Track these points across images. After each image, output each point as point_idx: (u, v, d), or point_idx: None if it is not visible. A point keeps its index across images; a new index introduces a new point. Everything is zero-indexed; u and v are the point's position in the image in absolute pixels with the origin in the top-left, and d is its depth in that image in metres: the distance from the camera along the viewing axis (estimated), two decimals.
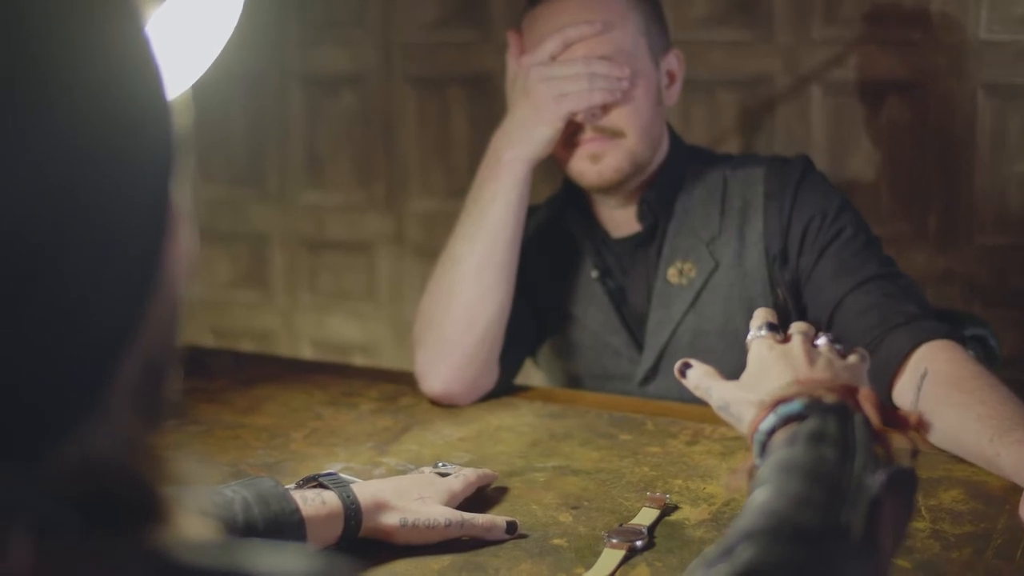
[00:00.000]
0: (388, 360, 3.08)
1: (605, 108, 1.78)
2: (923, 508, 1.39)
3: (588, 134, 1.80)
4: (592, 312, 1.91)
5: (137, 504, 0.58)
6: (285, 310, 3.31)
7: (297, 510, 1.24)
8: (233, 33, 2.93)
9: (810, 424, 0.96)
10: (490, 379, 1.82)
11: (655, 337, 1.85)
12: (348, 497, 1.29)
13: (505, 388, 1.85)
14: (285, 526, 1.22)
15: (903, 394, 1.62)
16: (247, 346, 3.29)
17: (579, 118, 1.78)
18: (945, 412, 1.53)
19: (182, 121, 0.63)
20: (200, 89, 3.05)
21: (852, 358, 1.13)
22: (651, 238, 1.88)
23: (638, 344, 1.87)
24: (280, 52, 3.17)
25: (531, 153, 1.78)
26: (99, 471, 0.57)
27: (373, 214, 3.13)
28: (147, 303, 0.59)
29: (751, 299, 1.80)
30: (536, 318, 1.93)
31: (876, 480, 0.89)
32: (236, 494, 1.22)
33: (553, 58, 1.77)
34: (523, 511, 1.41)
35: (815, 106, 2.61)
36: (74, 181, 0.54)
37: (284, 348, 3.29)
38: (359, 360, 3.14)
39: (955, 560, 1.27)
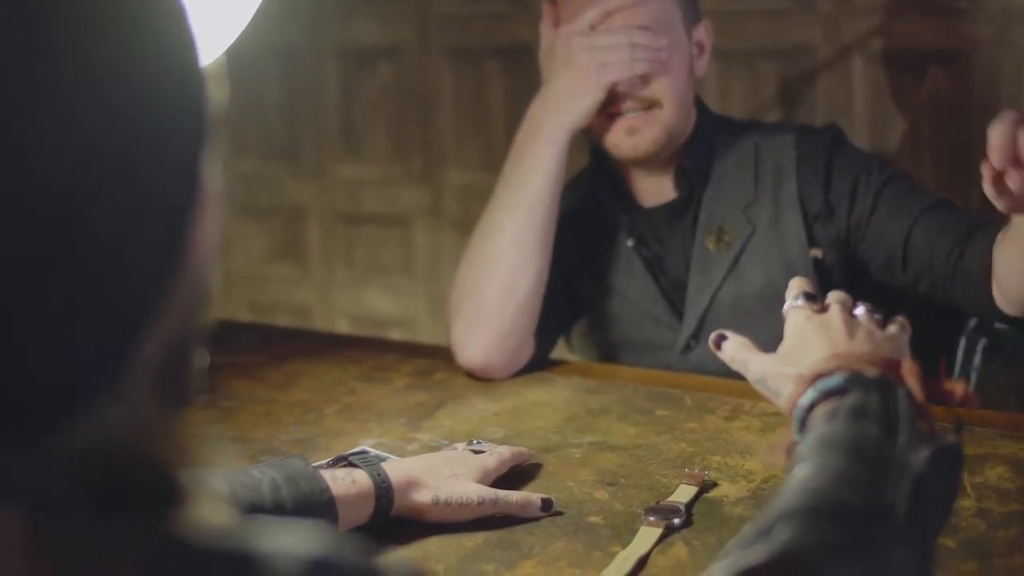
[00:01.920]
0: (425, 335, 3.07)
1: (644, 78, 1.78)
2: (968, 485, 1.36)
3: (627, 104, 1.78)
4: (630, 282, 1.89)
5: (150, 485, 0.56)
6: (321, 285, 3.30)
7: (327, 489, 1.22)
8: (268, 7, 2.92)
9: (851, 399, 0.93)
10: (527, 352, 1.80)
11: (695, 304, 1.83)
12: (379, 475, 1.27)
13: (541, 363, 1.83)
14: (315, 506, 1.20)
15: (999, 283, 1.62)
16: (283, 321, 3.28)
17: (620, 88, 1.77)
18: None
19: (216, 94, 0.61)
20: (235, 63, 3.03)
21: (892, 328, 1.09)
22: (686, 206, 1.86)
23: (678, 312, 1.86)
24: (315, 26, 3.15)
25: (572, 122, 1.77)
26: (114, 450, 0.55)
27: (409, 187, 3.11)
28: (172, 281, 0.57)
29: (790, 260, 1.79)
30: (571, 293, 1.92)
31: (920, 457, 0.86)
32: (264, 475, 1.20)
33: (593, 28, 1.76)
34: (558, 488, 1.39)
35: (857, 76, 2.56)
36: (102, 150, 0.52)
37: (320, 323, 3.28)
38: (395, 335, 3.12)
39: (1001, 539, 1.24)
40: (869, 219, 1.79)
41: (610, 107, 1.78)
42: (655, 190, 1.88)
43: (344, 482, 1.24)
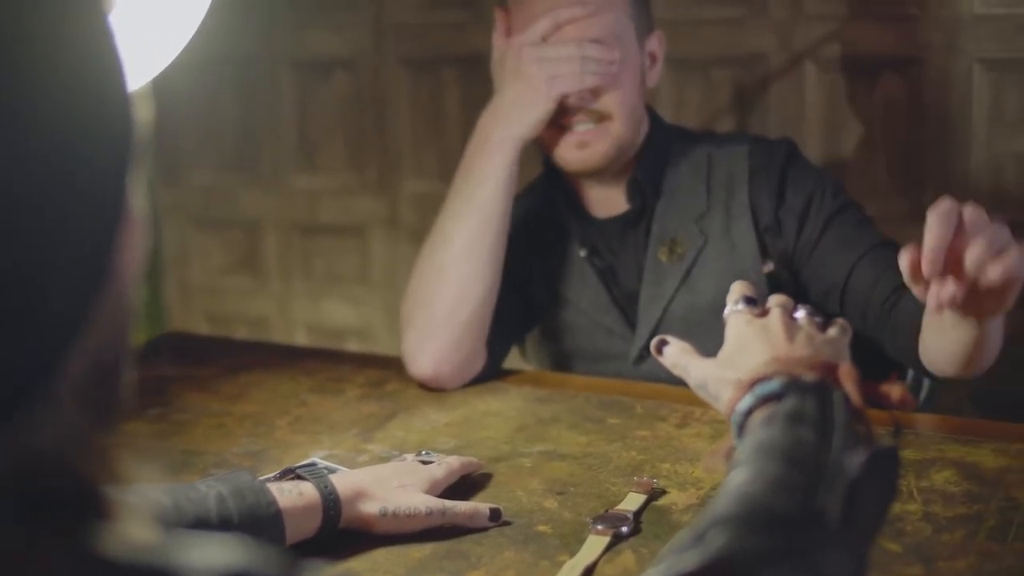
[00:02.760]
0: (382, 345, 3.06)
1: (595, 91, 1.77)
2: (915, 490, 1.37)
3: (576, 116, 1.78)
4: (583, 292, 1.89)
5: (74, 499, 0.56)
6: (279, 295, 3.29)
7: (273, 502, 1.22)
8: (223, 17, 2.93)
9: (788, 404, 0.93)
10: (478, 362, 1.80)
11: (647, 314, 1.83)
12: (326, 487, 1.26)
13: (493, 373, 1.83)
14: (262, 519, 1.20)
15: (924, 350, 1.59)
16: (242, 332, 3.27)
17: (570, 100, 1.76)
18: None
19: (141, 116, 0.61)
20: (190, 74, 3.04)
21: (832, 331, 1.09)
22: (639, 218, 1.86)
23: (631, 323, 1.86)
24: (270, 36, 3.14)
25: (522, 133, 1.76)
26: (39, 465, 0.55)
27: (366, 197, 3.11)
28: (96, 299, 0.57)
29: (742, 271, 1.80)
30: (524, 304, 1.92)
31: (855, 461, 0.87)
32: (211, 489, 1.20)
33: (545, 39, 1.75)
34: (508, 497, 1.39)
35: (809, 83, 2.58)
36: (29, 167, 0.52)
37: (279, 334, 3.26)
38: (353, 345, 3.12)
39: (946, 543, 1.25)
40: (815, 245, 1.79)
41: (560, 119, 1.78)
42: (607, 201, 1.89)
43: (291, 495, 1.24)
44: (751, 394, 0.97)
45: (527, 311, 1.93)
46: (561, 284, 1.91)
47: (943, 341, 1.49)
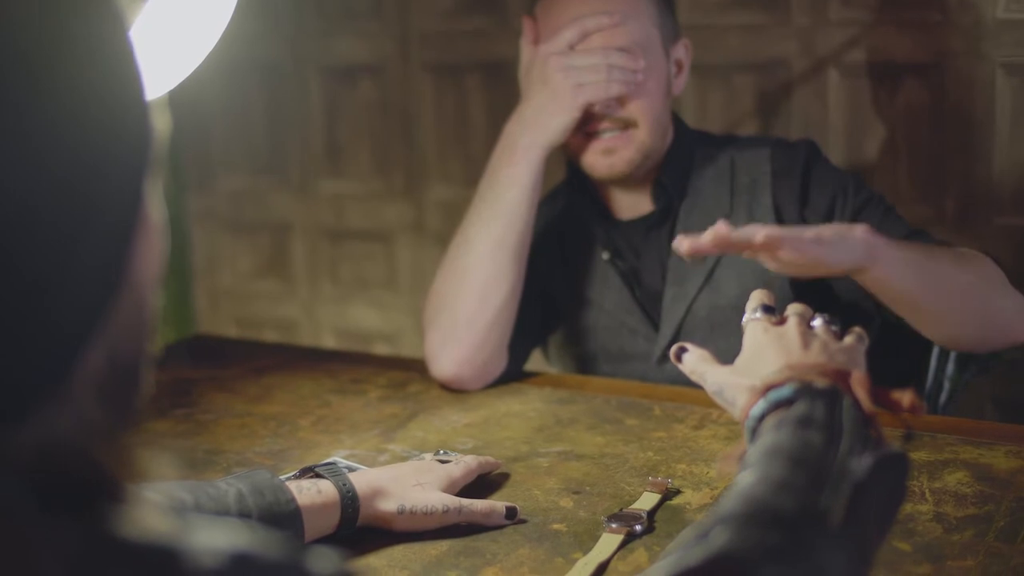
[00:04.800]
0: (408, 348, 3.09)
1: (621, 99, 1.80)
2: (927, 491, 1.38)
3: (602, 124, 1.81)
4: (606, 293, 1.92)
5: (89, 486, 0.59)
6: (307, 300, 3.32)
7: (292, 500, 1.24)
8: (251, 25, 2.95)
9: (798, 409, 0.95)
10: (500, 364, 1.83)
11: (671, 314, 1.86)
12: (344, 485, 1.29)
13: (514, 375, 1.85)
14: (280, 516, 1.22)
15: None
16: (270, 336, 3.30)
17: (595, 108, 1.79)
18: None
19: (160, 124, 0.64)
20: (220, 81, 3.06)
21: (848, 339, 1.11)
22: (663, 219, 1.89)
23: (654, 323, 1.88)
24: (298, 43, 3.17)
25: (547, 140, 1.79)
26: (56, 455, 0.58)
27: (393, 203, 3.14)
28: (112, 298, 0.60)
29: (764, 272, 1.80)
30: (546, 307, 1.94)
31: (862, 464, 0.88)
32: (231, 486, 1.22)
33: (571, 47, 1.78)
34: (524, 496, 1.41)
35: (832, 89, 2.59)
36: (47, 174, 0.55)
37: (306, 338, 3.30)
38: (380, 349, 3.15)
39: (956, 543, 1.26)
40: None
41: (586, 127, 1.81)
42: (632, 204, 1.91)
43: (310, 492, 1.27)
44: (764, 400, 0.99)
45: (549, 315, 1.96)
46: (584, 286, 1.93)
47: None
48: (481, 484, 1.44)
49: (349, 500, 1.28)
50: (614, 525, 1.30)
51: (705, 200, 1.88)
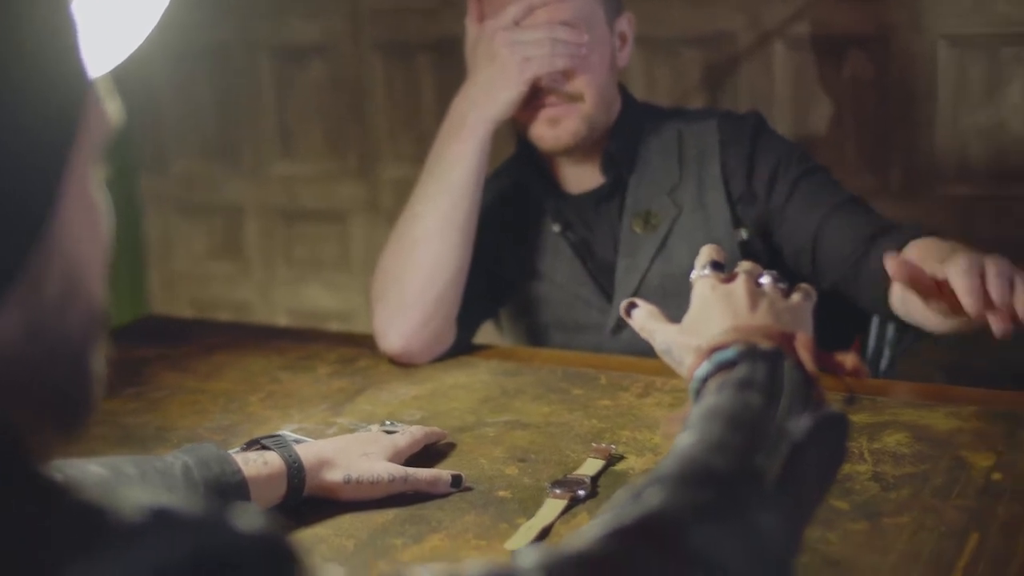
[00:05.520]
0: (363, 327, 3.06)
1: (566, 73, 1.81)
2: (866, 451, 1.41)
3: (549, 98, 1.82)
4: (558, 266, 1.93)
5: (12, 446, 0.60)
6: (261, 281, 3.33)
7: (238, 471, 1.25)
8: (200, 6, 2.94)
9: (740, 371, 0.95)
10: (448, 338, 1.84)
11: (624, 285, 1.88)
12: (290, 456, 1.30)
13: (463, 349, 1.87)
14: (227, 487, 1.23)
15: (897, 295, 1.66)
16: (225, 318, 3.30)
17: (542, 82, 1.81)
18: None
19: (110, 107, 0.67)
20: (169, 64, 3.06)
21: (795, 296, 1.11)
22: (613, 191, 1.91)
23: (607, 294, 1.90)
24: (247, 23, 3.17)
25: (495, 115, 1.81)
26: None
27: (346, 183, 3.14)
28: (26, 257, 0.61)
29: (716, 240, 1.82)
30: (496, 281, 1.95)
31: (801, 425, 0.89)
32: (177, 459, 1.23)
33: (517, 23, 1.80)
34: (471, 465, 1.43)
35: (778, 62, 2.62)
36: None
37: (261, 319, 3.30)
38: (335, 328, 3.15)
39: (892, 500, 1.28)
40: (784, 207, 1.85)
41: (534, 101, 1.82)
42: (581, 177, 1.93)
43: (256, 464, 1.28)
44: (708, 361, 0.98)
45: (498, 289, 1.97)
46: (535, 259, 1.94)
47: (939, 322, 1.56)
48: (428, 454, 1.46)
49: (295, 471, 1.30)
50: (558, 491, 1.32)
51: (654, 172, 1.90)
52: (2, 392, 0.62)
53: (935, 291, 1.41)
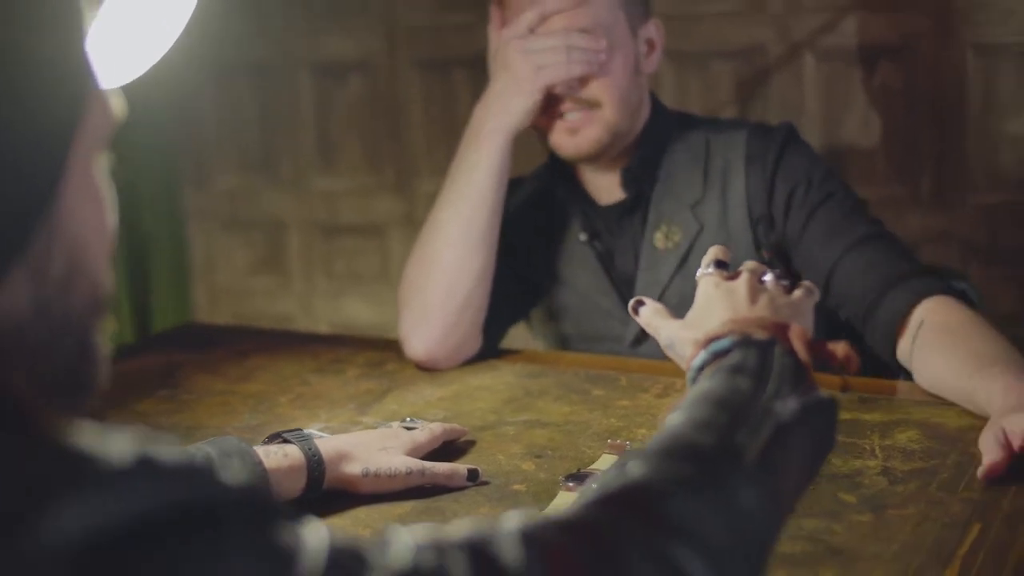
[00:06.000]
0: None
1: (583, 80, 1.82)
2: (877, 448, 1.43)
3: (566, 105, 1.84)
4: (581, 274, 1.95)
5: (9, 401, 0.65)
6: (302, 294, 3.38)
7: (259, 463, 1.29)
8: (240, 26, 2.99)
9: (733, 358, 0.98)
10: (473, 345, 1.87)
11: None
12: (310, 450, 1.34)
13: (489, 353, 1.90)
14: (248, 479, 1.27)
15: (905, 350, 1.67)
16: None
17: (557, 90, 1.82)
18: (934, 356, 1.60)
19: (116, 105, 0.72)
20: (213, 82, 3.11)
21: (797, 293, 1.14)
22: (636, 205, 1.91)
23: (627, 306, 1.91)
24: (287, 42, 3.23)
25: (511, 124, 1.83)
26: None
27: (384, 197, 3.19)
28: (28, 236, 0.66)
29: (736, 261, 1.83)
30: (525, 286, 1.98)
31: (788, 407, 0.91)
32: (199, 451, 1.27)
33: (532, 31, 1.81)
34: (488, 461, 1.47)
35: (808, 73, 2.65)
36: None
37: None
38: None
39: (899, 493, 1.31)
40: (800, 238, 1.82)
41: (553, 108, 1.84)
42: (609, 188, 1.93)
43: (276, 456, 1.32)
44: (705, 351, 1.02)
45: (527, 293, 1.99)
46: (561, 267, 1.96)
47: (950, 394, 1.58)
48: (447, 450, 1.49)
49: (315, 463, 1.34)
50: (571, 484, 1.35)
51: (678, 185, 1.89)
52: (8, 361, 0.67)
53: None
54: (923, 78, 2.54)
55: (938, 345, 1.60)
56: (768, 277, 1.15)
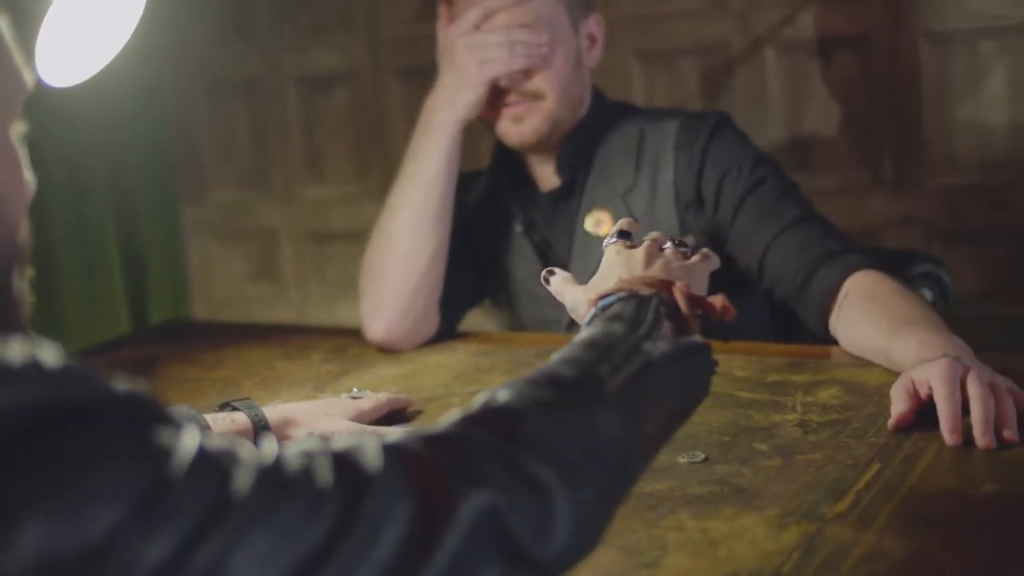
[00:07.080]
0: None
1: (526, 73, 1.91)
2: (798, 404, 1.50)
3: (512, 97, 1.92)
4: (519, 264, 2.03)
5: None
6: (298, 302, 3.48)
7: (207, 427, 1.38)
8: (231, 44, 3.07)
9: (613, 309, 1.05)
10: (430, 326, 1.96)
11: None
12: (256, 416, 1.43)
13: (449, 334, 1.99)
14: None
15: (834, 321, 1.73)
16: None
17: (502, 83, 1.91)
18: (856, 321, 1.67)
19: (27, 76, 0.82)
20: (205, 99, 3.20)
21: (694, 258, 1.22)
22: (571, 190, 1.99)
23: None
24: (275, 57, 3.34)
25: (459, 115, 1.92)
26: None
27: (370, 204, 3.28)
28: None
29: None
30: (477, 274, 2.07)
31: (658, 348, 0.98)
32: None
33: (477, 27, 1.90)
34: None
35: (770, 67, 2.72)
36: None
37: None
38: None
39: (810, 441, 1.37)
40: (732, 222, 1.88)
41: (498, 100, 1.93)
42: (548, 175, 2.02)
43: (224, 421, 1.41)
44: (595, 307, 1.09)
45: (480, 280, 2.09)
46: (503, 258, 2.05)
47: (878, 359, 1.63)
48: (395, 419, 1.57)
49: (261, 428, 1.42)
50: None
51: (611, 173, 1.97)
52: None
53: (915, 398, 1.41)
54: (880, 67, 2.61)
55: (859, 311, 1.67)
56: (668, 245, 1.22)
